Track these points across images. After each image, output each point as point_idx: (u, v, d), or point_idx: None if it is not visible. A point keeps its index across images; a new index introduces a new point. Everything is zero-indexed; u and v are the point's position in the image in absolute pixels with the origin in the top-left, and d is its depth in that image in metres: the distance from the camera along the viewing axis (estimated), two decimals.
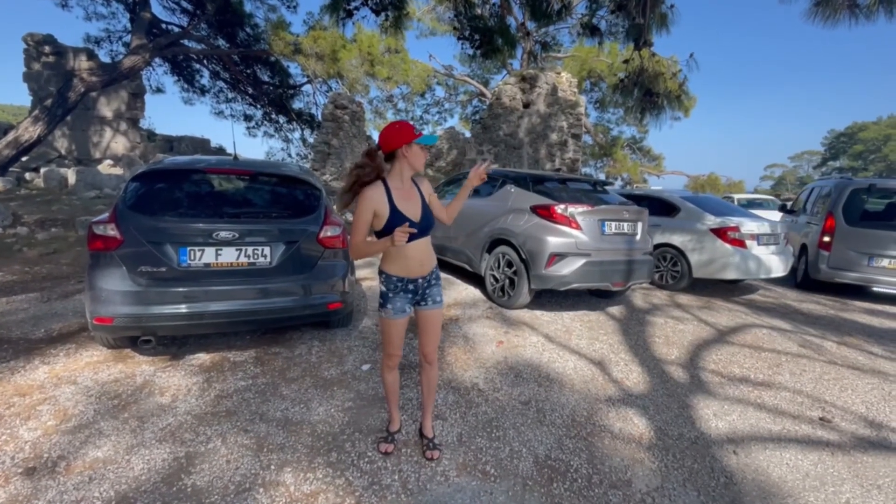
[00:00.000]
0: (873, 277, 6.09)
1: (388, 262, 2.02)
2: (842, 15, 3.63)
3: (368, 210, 1.89)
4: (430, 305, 2.09)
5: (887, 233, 6.05)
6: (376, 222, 1.92)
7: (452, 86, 24.55)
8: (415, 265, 2.00)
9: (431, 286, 2.10)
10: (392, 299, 2.02)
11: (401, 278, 2.01)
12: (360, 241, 1.93)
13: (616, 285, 4.40)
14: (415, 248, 1.98)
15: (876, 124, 68.31)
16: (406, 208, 1.93)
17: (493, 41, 6.79)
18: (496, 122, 11.89)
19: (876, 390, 3.29)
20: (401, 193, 1.95)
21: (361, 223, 1.90)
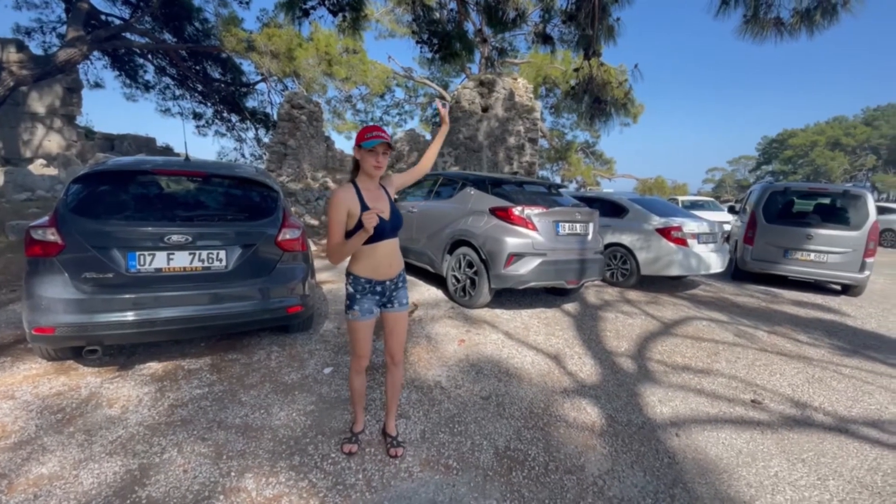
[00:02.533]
0: (789, 268, 6.90)
1: (357, 264, 2.05)
2: (769, 31, 4.03)
3: (342, 211, 1.92)
4: (397, 308, 2.14)
5: (800, 229, 6.83)
6: (349, 222, 1.95)
7: (412, 88, 24.59)
8: (384, 266, 2.05)
9: (398, 288, 2.15)
10: (359, 301, 2.05)
11: (369, 280, 2.05)
12: (339, 243, 1.95)
13: (570, 283, 4.61)
14: (384, 249, 2.03)
15: (804, 131, 74.65)
16: (375, 207, 1.98)
17: (451, 46, 6.91)
18: (456, 126, 12.05)
19: (801, 374, 3.65)
20: (370, 194, 2.01)
21: (337, 224, 1.93)
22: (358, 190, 1.99)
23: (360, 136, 1.99)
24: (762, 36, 4.06)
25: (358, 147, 1.99)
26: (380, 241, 1.98)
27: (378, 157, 1.96)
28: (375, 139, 1.93)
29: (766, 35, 4.04)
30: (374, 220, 1.80)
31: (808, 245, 6.75)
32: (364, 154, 1.97)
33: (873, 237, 6.48)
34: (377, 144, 1.93)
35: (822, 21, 3.65)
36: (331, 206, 1.94)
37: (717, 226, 6.72)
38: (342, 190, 1.97)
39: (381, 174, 2.03)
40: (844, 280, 6.64)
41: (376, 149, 1.95)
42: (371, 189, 2.03)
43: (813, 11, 3.68)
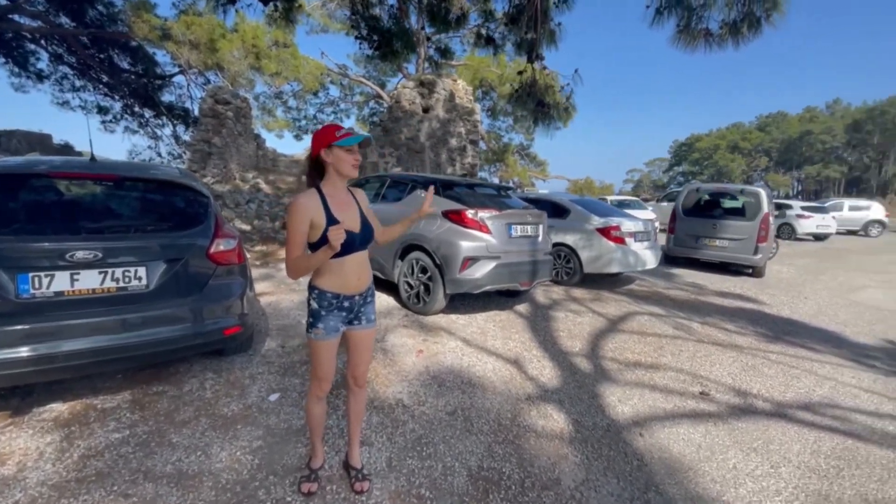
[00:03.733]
0: (701, 252, 8.39)
1: (323, 277, 1.80)
2: (699, 42, 4.32)
3: (304, 220, 1.67)
4: (364, 325, 1.92)
5: (707, 220, 8.34)
6: (312, 234, 1.71)
7: (348, 86, 23.85)
8: (352, 279, 1.82)
9: (367, 303, 1.93)
10: (324, 318, 1.80)
11: (336, 295, 1.81)
12: (299, 257, 1.69)
13: (523, 285, 4.61)
14: (353, 261, 1.80)
15: (708, 136, 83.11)
16: (344, 218, 1.75)
17: (391, 44, 6.69)
18: (397, 126, 11.81)
19: (736, 362, 3.91)
20: (337, 202, 1.77)
21: (297, 236, 1.67)
22: (323, 197, 1.74)
23: (327, 135, 1.73)
24: (693, 46, 4.35)
25: (328, 148, 1.73)
26: (348, 254, 1.76)
27: (356, 154, 1.75)
28: (352, 136, 1.71)
29: (696, 45, 4.33)
30: (341, 237, 1.55)
31: (714, 233, 8.22)
32: (340, 154, 1.73)
33: (765, 226, 7.78)
34: (359, 141, 1.72)
35: (748, 33, 3.97)
36: (291, 215, 1.68)
37: (650, 224, 7.14)
38: (305, 197, 1.71)
39: (356, 174, 1.81)
40: (742, 261, 8.03)
41: (354, 147, 1.74)
42: (338, 196, 1.79)
43: (740, 24, 4.00)
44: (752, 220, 7.91)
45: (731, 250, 8.04)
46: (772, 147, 72.13)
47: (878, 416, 3.01)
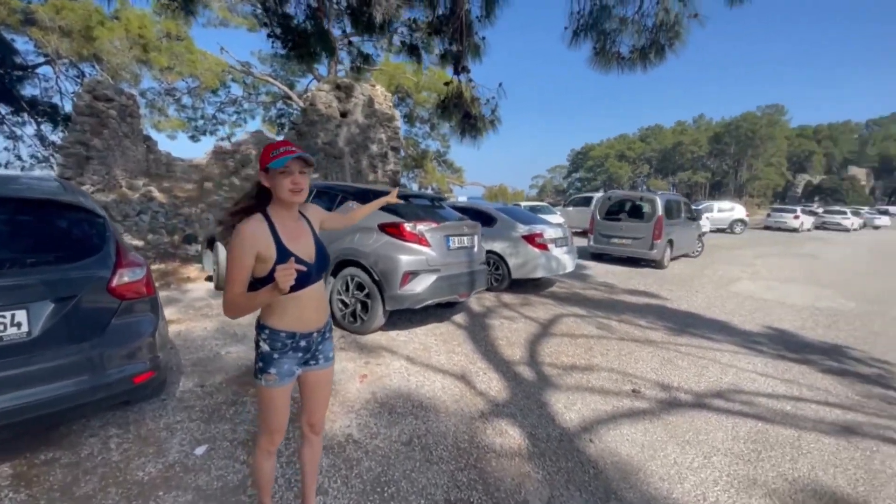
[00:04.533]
0: (611, 248, 10.17)
1: (275, 314, 1.55)
2: (613, 64, 4.69)
3: (249, 253, 1.42)
4: (322, 364, 1.70)
5: (615, 222, 10.10)
6: (259, 268, 1.46)
7: (252, 84, 22.19)
8: (310, 315, 1.60)
9: (325, 340, 1.71)
10: (277, 362, 1.56)
11: (291, 334, 1.57)
12: (240, 294, 1.43)
13: (462, 296, 4.61)
14: (310, 295, 1.58)
15: (599, 145, 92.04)
16: (296, 246, 1.53)
17: (309, 45, 6.31)
18: (313, 130, 11.21)
19: (655, 357, 4.28)
20: (288, 229, 1.54)
21: (240, 271, 1.42)
22: (272, 224, 1.51)
23: (263, 157, 1.52)
24: (608, 68, 4.73)
25: (264, 171, 1.51)
26: (304, 287, 1.54)
27: (295, 176, 1.49)
28: (285, 155, 1.47)
29: (610, 67, 4.71)
30: (290, 278, 1.31)
31: (620, 233, 9.95)
32: (275, 177, 1.49)
33: (658, 227, 9.39)
34: (290, 161, 1.47)
35: (655, 59, 4.42)
36: (234, 247, 1.43)
37: (567, 230, 7.63)
38: (251, 224, 1.46)
39: (303, 198, 1.57)
40: (641, 255, 9.67)
41: (290, 167, 1.48)
42: (289, 222, 1.57)
43: (647, 50, 4.42)
44: (648, 222, 9.53)
45: (633, 247, 9.73)
46: (652, 156, 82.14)
47: (775, 397, 3.48)
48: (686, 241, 11.13)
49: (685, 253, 11.54)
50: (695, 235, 11.78)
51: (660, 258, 9.54)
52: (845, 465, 2.55)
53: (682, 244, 10.81)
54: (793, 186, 64.80)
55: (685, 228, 10.93)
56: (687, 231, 11.09)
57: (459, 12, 5.43)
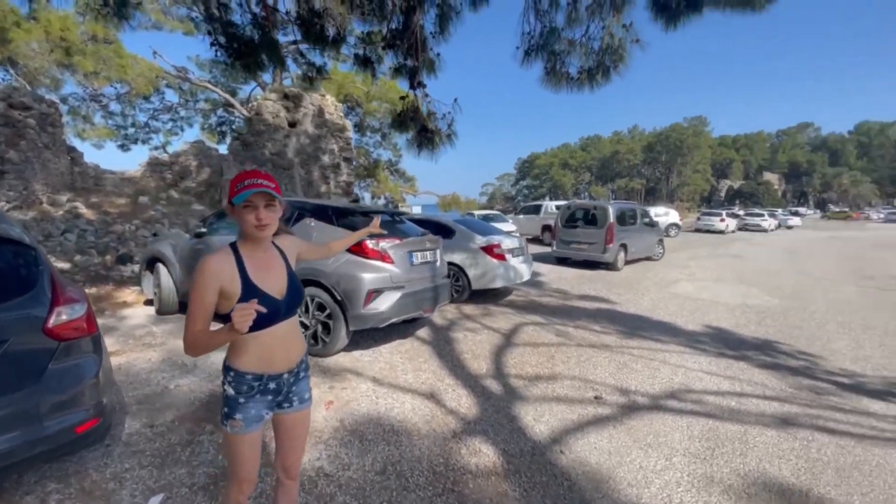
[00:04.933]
0: (570, 252, 11.31)
1: (241, 354, 1.46)
2: (563, 84, 4.92)
3: (211, 289, 1.34)
4: (297, 406, 1.62)
5: (574, 229, 11.21)
6: (223, 304, 1.38)
7: (189, 91, 20.95)
8: (279, 355, 1.51)
9: (299, 380, 1.62)
10: (244, 406, 1.46)
11: (259, 376, 1.48)
12: (201, 332, 1.34)
13: (427, 311, 4.58)
14: (280, 333, 1.50)
15: (544, 154, 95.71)
16: (265, 281, 1.45)
17: (257, 55, 6.07)
18: (259, 140, 10.77)
19: (612, 362, 4.48)
20: (257, 262, 1.46)
21: (202, 306, 1.34)
22: (239, 258, 1.43)
23: (230, 189, 1.44)
24: (558, 87, 4.95)
25: (230, 205, 1.43)
26: (271, 325, 1.46)
27: (259, 211, 1.42)
28: (247, 190, 1.39)
29: (560, 87, 4.94)
30: (247, 319, 1.21)
31: (578, 238, 11.06)
32: (240, 212, 1.42)
33: (610, 233, 10.49)
34: (252, 195, 1.39)
35: (601, 80, 4.68)
36: (196, 281, 1.34)
37: (523, 240, 7.85)
38: (215, 259, 1.39)
39: (271, 233, 1.49)
40: (596, 258, 10.71)
41: (253, 201, 1.40)
42: (258, 255, 1.49)
43: (595, 71, 4.67)
44: (601, 228, 10.61)
45: (589, 251, 10.82)
46: (592, 164, 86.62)
47: (721, 394, 3.75)
48: (644, 245, 12.09)
49: (647, 256, 12.62)
50: (654, 240, 12.71)
51: (612, 261, 10.56)
52: (787, 456, 2.79)
53: (639, 248, 11.79)
54: (717, 191, 70.99)
55: (642, 234, 11.96)
56: (644, 236, 12.08)
57: (413, 27, 5.47)
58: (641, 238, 11.92)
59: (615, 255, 10.59)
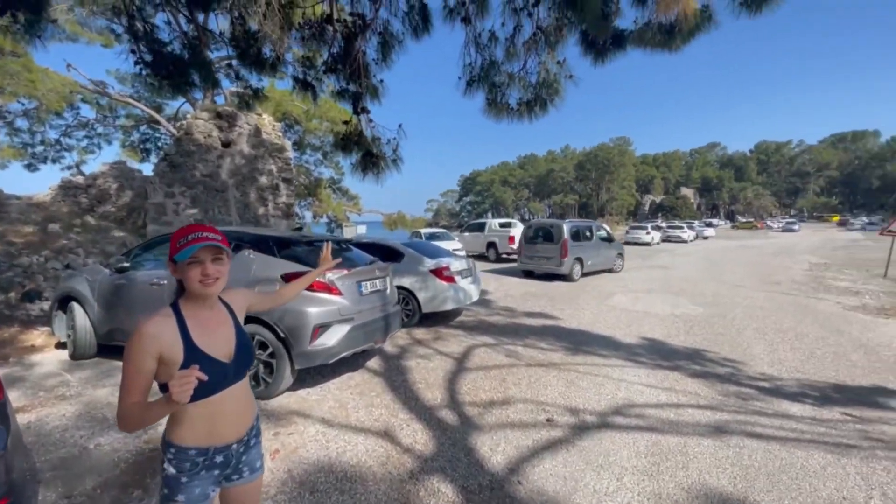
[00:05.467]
0: (533, 265, 12.59)
1: (182, 427, 1.31)
2: (504, 114, 5.11)
3: (149, 354, 1.21)
4: (248, 477, 1.48)
5: (534, 245, 12.53)
6: (163, 371, 1.25)
7: (108, 106, 19.27)
8: (227, 424, 1.38)
9: (250, 448, 1.49)
10: (187, 486, 1.31)
11: (204, 450, 1.33)
12: (135, 405, 1.19)
13: (378, 342, 4.46)
14: (229, 399, 1.37)
15: (486, 171, 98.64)
16: (211, 343, 1.33)
17: (186, 74, 5.74)
18: (189, 161, 10.09)
19: (560, 380, 4.61)
20: (201, 322, 1.34)
21: (137, 376, 1.20)
22: (181, 318, 1.31)
23: (171, 244, 1.32)
24: (499, 117, 5.14)
25: (171, 262, 1.32)
26: (217, 391, 1.33)
27: (206, 266, 1.32)
28: (192, 245, 1.29)
29: (501, 116, 5.13)
30: (188, 388, 1.11)
31: (538, 253, 12.39)
32: (183, 270, 1.31)
33: (564, 247, 11.77)
34: (198, 250, 1.30)
35: (539, 111, 4.92)
36: (130, 348, 1.21)
37: (472, 261, 7.95)
38: (154, 322, 1.26)
39: (220, 289, 1.38)
40: (554, 271, 11.97)
41: (199, 256, 1.31)
42: (203, 314, 1.37)
43: (533, 103, 4.91)
44: (557, 244, 11.94)
45: (548, 264, 12.13)
46: (530, 181, 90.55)
47: (660, 406, 3.98)
48: (601, 259, 13.34)
49: (608, 269, 13.82)
50: (613, 254, 13.93)
51: (567, 272, 11.87)
52: (724, 465, 3.00)
53: (596, 262, 13.07)
54: (642, 205, 76.89)
55: (598, 249, 13.22)
56: (601, 251, 13.34)
57: (355, 53, 5.45)
58: (598, 252, 13.13)
59: (570, 268, 11.87)
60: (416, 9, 5.01)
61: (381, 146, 5.85)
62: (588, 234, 12.99)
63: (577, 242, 12.23)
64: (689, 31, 4.27)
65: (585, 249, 12.51)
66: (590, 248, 12.77)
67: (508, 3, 4.66)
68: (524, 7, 4.69)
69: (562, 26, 4.67)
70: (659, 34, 4.32)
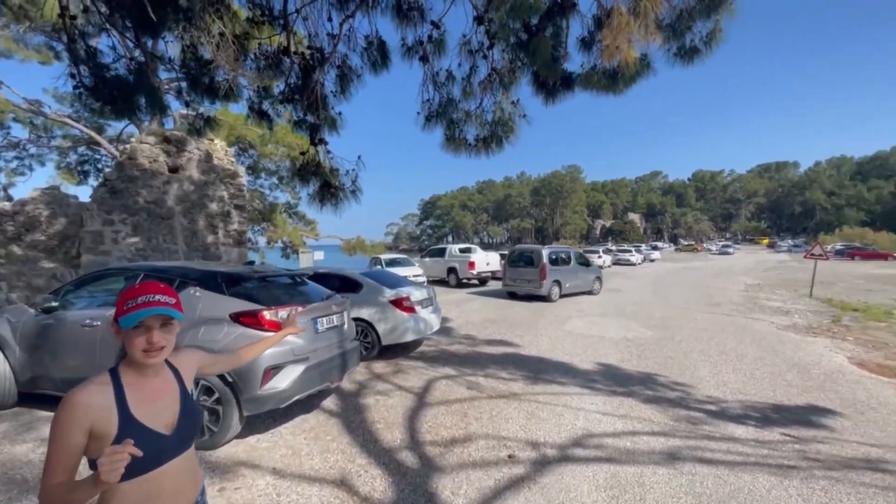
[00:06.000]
0: (517, 287, 13.64)
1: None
2: (462, 149, 5.23)
3: (78, 428, 1.09)
4: None
5: (518, 268, 13.61)
6: (94, 446, 1.12)
7: (43, 126, 17.97)
8: (167, 501, 1.24)
9: None
10: None
11: None
12: (59, 486, 1.06)
13: (334, 382, 4.29)
14: (169, 474, 1.24)
15: (445, 196, 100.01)
16: (151, 413, 1.21)
17: (131, 101, 5.47)
18: (132, 187, 9.53)
19: (521, 412, 4.60)
20: (142, 390, 1.23)
21: (63, 452, 1.08)
22: (119, 386, 1.19)
23: (118, 305, 1.22)
24: (458, 152, 5.26)
25: (115, 323, 1.21)
26: (157, 467, 1.21)
27: (152, 334, 1.21)
28: (141, 309, 1.19)
29: (460, 151, 5.25)
30: (118, 467, 0.99)
31: (520, 276, 13.46)
32: (126, 335, 1.20)
33: (543, 271, 12.91)
34: (147, 317, 1.20)
35: (495, 148, 5.09)
36: (57, 420, 1.09)
37: (432, 290, 7.91)
38: (87, 391, 1.14)
39: (161, 360, 1.27)
40: (534, 292, 13.08)
41: (147, 324, 1.21)
42: (145, 380, 1.25)
43: (489, 140, 5.07)
44: (536, 267, 13.06)
45: (528, 286, 13.22)
46: (489, 206, 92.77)
47: (616, 435, 4.06)
48: (580, 282, 14.50)
49: (586, 291, 14.86)
50: (591, 278, 15.05)
51: (546, 293, 12.99)
52: (678, 494, 3.08)
53: (574, 284, 14.18)
54: (593, 229, 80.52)
55: (576, 272, 14.36)
56: (579, 275, 14.49)
57: (313, 85, 5.43)
58: (576, 276, 14.29)
59: (549, 290, 13.03)
60: (375, 45, 5.09)
61: (339, 177, 5.79)
62: (566, 259, 14.15)
63: (555, 267, 13.35)
64: (630, 76, 4.61)
65: (563, 273, 13.63)
66: (568, 272, 13.86)
67: (464, 44, 4.87)
68: (479, 49, 4.91)
69: (515, 68, 4.91)
70: (604, 78, 4.64)
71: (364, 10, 4.81)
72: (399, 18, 4.85)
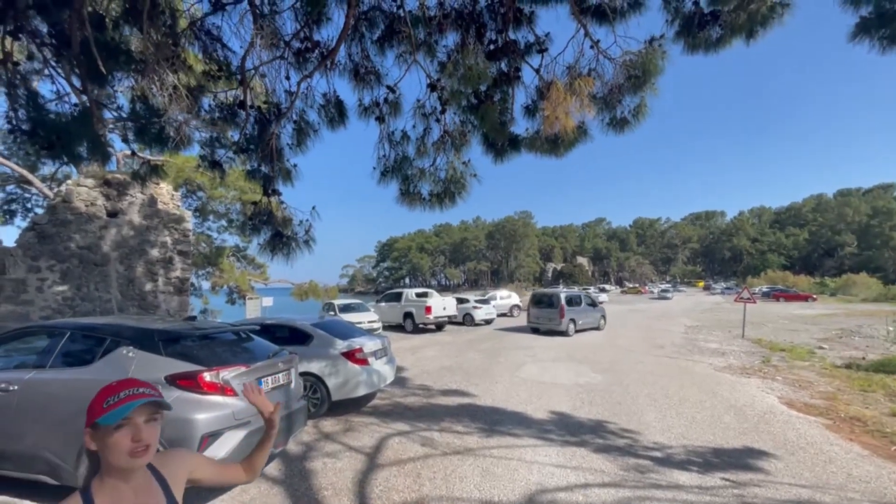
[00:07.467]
0: (538, 324, 16.43)
1: None
2: (417, 203, 5.45)
3: None
4: None
5: (539, 309, 16.51)
6: None
7: None
8: None
9: None
10: None
11: None
12: None
13: (279, 446, 4.05)
14: None
15: (403, 238, 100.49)
16: None
17: (71, 147, 5.25)
18: (64, 231, 8.87)
19: (476, 469, 4.52)
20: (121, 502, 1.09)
21: None
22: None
23: (93, 407, 1.08)
24: (413, 206, 5.42)
25: (92, 429, 1.08)
26: None
27: (140, 430, 1.08)
28: (127, 402, 1.06)
29: (415, 206, 5.42)
30: None
31: (542, 315, 16.29)
32: (109, 435, 1.06)
33: (562, 311, 15.58)
34: (136, 408, 1.07)
35: (448, 203, 5.30)
36: None
37: (387, 340, 7.77)
38: None
39: (149, 459, 1.13)
40: (554, 328, 15.70)
41: (132, 420, 1.08)
42: (125, 491, 1.11)
43: (443, 195, 5.29)
44: (556, 308, 15.84)
45: (549, 323, 15.96)
46: (446, 248, 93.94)
47: (570, 489, 4.07)
48: (590, 319, 17.18)
49: (594, 327, 17.43)
50: (598, 316, 17.76)
51: (564, 329, 15.65)
52: None
53: (586, 322, 16.85)
54: (545, 272, 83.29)
55: (587, 311, 17.08)
56: (589, 313, 17.19)
57: (269, 138, 5.49)
58: (587, 314, 17.01)
59: (567, 326, 15.73)
60: (333, 103, 5.28)
61: (292, 227, 5.75)
62: (579, 301, 16.89)
63: (570, 307, 16.01)
64: (569, 142, 5.05)
65: (577, 312, 16.33)
66: (580, 311, 16.58)
67: (419, 108, 5.18)
68: (433, 112, 5.23)
69: (466, 131, 5.26)
70: (546, 143, 5.05)
71: (322, 71, 5.01)
72: (356, 80, 5.10)
